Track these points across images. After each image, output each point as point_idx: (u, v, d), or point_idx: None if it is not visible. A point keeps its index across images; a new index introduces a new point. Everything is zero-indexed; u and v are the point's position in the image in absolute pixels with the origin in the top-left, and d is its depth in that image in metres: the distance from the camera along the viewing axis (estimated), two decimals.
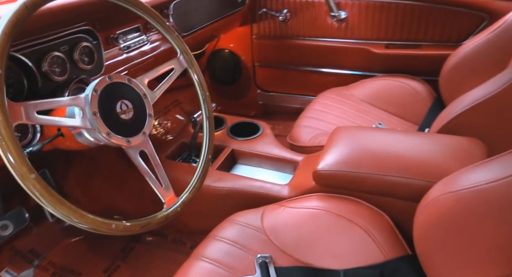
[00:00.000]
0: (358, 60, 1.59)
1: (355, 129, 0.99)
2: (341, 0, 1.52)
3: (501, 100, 0.87)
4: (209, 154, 0.81)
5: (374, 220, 0.82)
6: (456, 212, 0.64)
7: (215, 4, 1.44)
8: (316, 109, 1.37)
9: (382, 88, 1.44)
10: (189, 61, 0.80)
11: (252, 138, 1.22)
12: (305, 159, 1.10)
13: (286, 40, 1.71)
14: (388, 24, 1.49)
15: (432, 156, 0.83)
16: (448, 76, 1.28)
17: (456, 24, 1.40)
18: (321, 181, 0.89)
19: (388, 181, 0.82)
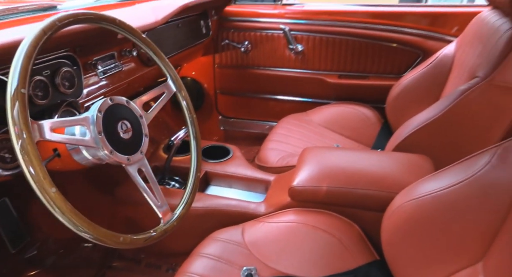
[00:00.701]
0: (314, 88, 1.75)
1: (322, 149, 1.10)
2: (298, 34, 1.68)
3: (442, 122, 1.03)
4: (198, 172, 0.85)
5: (346, 230, 0.92)
6: (417, 217, 0.75)
7: (181, 35, 1.51)
8: (280, 133, 1.47)
9: (337, 114, 1.59)
10: (178, 86, 0.86)
11: (224, 160, 1.28)
12: (277, 178, 1.18)
13: (247, 70, 1.82)
14: (340, 57, 1.67)
15: (391, 171, 0.96)
16: (393, 103, 1.46)
17: (397, 59, 1.61)
18: (297, 196, 0.97)
19: (356, 194, 0.92)
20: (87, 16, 0.68)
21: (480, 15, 1.22)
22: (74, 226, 0.52)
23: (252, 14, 1.71)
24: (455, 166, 0.74)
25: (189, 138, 0.88)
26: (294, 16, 1.67)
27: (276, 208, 1.02)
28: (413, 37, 1.56)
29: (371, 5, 1.64)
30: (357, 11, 1.63)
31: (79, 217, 0.53)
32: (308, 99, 1.79)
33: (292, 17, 1.67)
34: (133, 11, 1.13)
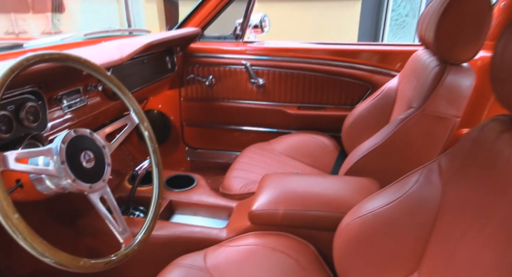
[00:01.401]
0: (276, 119, 1.85)
1: (280, 175, 1.17)
2: (259, 69, 1.80)
3: (385, 148, 1.14)
4: (160, 198, 0.90)
5: (302, 251, 0.97)
6: (362, 233, 0.83)
7: (147, 70, 1.59)
8: (244, 162, 1.54)
9: (297, 143, 1.68)
10: (140, 118, 0.92)
11: (188, 189, 1.32)
12: (239, 204, 1.23)
13: (212, 102, 1.91)
14: (298, 89, 1.80)
15: (342, 193, 1.04)
16: (347, 132, 1.58)
17: (350, 91, 1.75)
18: (256, 220, 1.03)
19: (310, 215, 0.99)
20: (52, 55, 0.74)
21: (416, 53, 1.37)
22: (35, 250, 0.56)
23: (215, 51, 1.82)
24: (392, 186, 0.83)
25: (151, 166, 0.93)
26: (255, 52, 1.79)
27: (237, 232, 1.07)
28: (363, 72, 1.72)
29: (326, 43, 1.80)
30: (313, 49, 1.78)
31: (40, 242, 0.56)
32: (271, 129, 1.89)
33: (253, 53, 1.79)
34: (99, 49, 1.20)
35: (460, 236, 0.64)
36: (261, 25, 1.85)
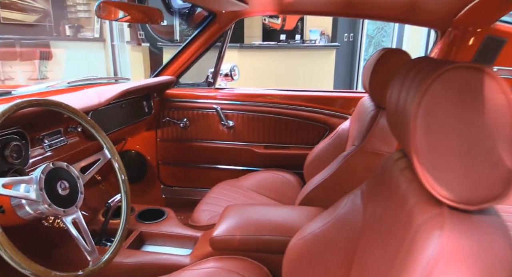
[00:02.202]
0: (245, 158, 2.00)
1: (241, 206, 1.30)
2: (229, 112, 1.98)
3: (332, 180, 1.29)
4: (127, 223, 1.01)
5: (256, 272, 1.08)
6: (304, 251, 0.95)
7: (125, 114, 1.75)
8: (213, 197, 1.66)
9: (264, 179, 1.83)
10: (112, 154, 1.06)
11: (159, 221, 1.43)
12: (204, 234, 1.34)
13: (186, 143, 2.06)
14: (265, 131, 1.98)
15: (292, 220, 1.17)
16: (308, 168, 1.74)
17: (310, 132, 1.94)
18: (216, 245, 1.14)
19: (263, 239, 1.12)
20: (38, 101, 0.89)
21: (362, 99, 1.58)
22: (14, 261, 0.66)
23: (189, 96, 2.01)
24: (329, 209, 0.98)
25: (121, 193, 1.05)
26: (226, 98, 1.99)
27: (200, 258, 1.17)
28: (321, 115, 1.92)
29: (290, 90, 2.01)
30: (278, 95, 1.99)
31: (18, 254, 0.67)
32: (240, 167, 2.03)
33: (223, 98, 1.99)
34: (80, 95, 1.35)
35: (371, 248, 0.78)
36: (231, 74, 2.06)
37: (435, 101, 0.52)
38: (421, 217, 0.56)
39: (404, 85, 0.65)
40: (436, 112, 0.52)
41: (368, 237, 0.82)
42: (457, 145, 0.51)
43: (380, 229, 0.74)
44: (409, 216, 0.61)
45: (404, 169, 0.73)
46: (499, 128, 0.50)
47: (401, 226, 0.62)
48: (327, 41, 5.74)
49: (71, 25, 6.10)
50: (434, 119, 0.53)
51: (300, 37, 5.84)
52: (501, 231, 0.51)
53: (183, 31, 5.23)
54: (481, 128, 0.50)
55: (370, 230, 0.81)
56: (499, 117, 0.50)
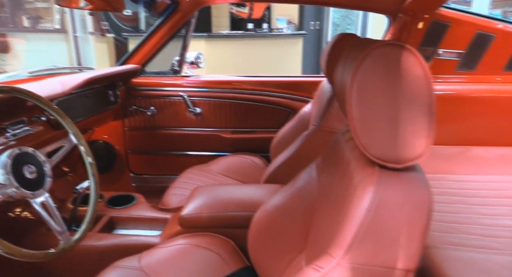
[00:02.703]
0: (213, 143, 2.06)
1: (208, 186, 1.36)
2: (196, 99, 2.02)
3: (295, 158, 1.37)
4: (96, 205, 1.04)
5: (223, 246, 1.15)
6: (266, 223, 1.03)
7: (90, 103, 1.74)
8: (182, 182, 1.71)
9: (232, 163, 1.89)
10: (78, 139, 1.08)
11: (129, 206, 1.46)
12: (173, 215, 1.39)
13: (154, 131, 2.08)
14: (231, 116, 2.03)
15: (256, 196, 1.24)
16: (274, 151, 1.81)
17: (275, 116, 2.02)
18: (185, 224, 1.20)
19: (229, 216, 1.18)
20: (2, 88, 0.90)
21: (322, 83, 1.67)
22: None
23: (156, 84, 2.02)
24: (289, 183, 1.05)
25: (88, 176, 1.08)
26: (192, 85, 2.02)
27: (170, 237, 1.22)
28: (285, 99, 2.00)
29: (254, 76, 2.07)
30: (243, 81, 2.04)
31: None
32: (208, 152, 2.08)
33: (190, 86, 2.02)
34: (42, 83, 1.35)
35: (322, 214, 0.86)
36: (197, 62, 2.09)
37: (366, 75, 0.60)
38: (359, 176, 0.64)
39: (345, 63, 0.72)
40: (367, 84, 0.60)
41: (321, 203, 0.90)
42: (385, 112, 0.59)
43: (330, 194, 0.83)
44: (350, 178, 0.69)
45: (349, 140, 0.81)
46: (419, 97, 0.58)
47: (345, 187, 0.70)
48: (294, 30, 5.81)
49: (29, 16, 5.84)
50: (366, 90, 0.60)
51: (267, 26, 5.88)
52: (422, 184, 0.59)
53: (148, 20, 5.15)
54: (404, 97, 0.59)
55: (322, 197, 0.90)
56: (418, 87, 0.58)
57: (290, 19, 5.89)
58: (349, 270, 0.57)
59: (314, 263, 0.61)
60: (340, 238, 0.59)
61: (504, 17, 4.23)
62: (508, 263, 0.95)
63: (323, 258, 0.61)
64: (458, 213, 1.20)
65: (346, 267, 0.57)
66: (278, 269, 1.00)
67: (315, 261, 0.62)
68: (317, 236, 0.87)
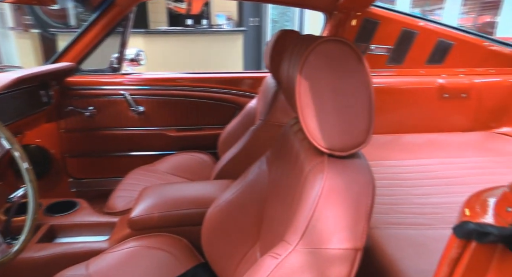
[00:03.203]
0: (158, 142, 2.01)
1: (157, 186, 1.33)
2: (138, 98, 1.95)
3: (243, 153, 1.39)
4: (36, 212, 0.97)
5: (176, 245, 1.14)
6: (220, 218, 1.04)
7: (20, 104, 1.61)
8: (128, 183, 1.65)
9: (179, 161, 1.86)
10: (11, 144, 1.00)
11: (70, 212, 1.38)
12: (121, 218, 1.34)
13: (94, 132, 1.98)
14: (176, 114, 2.00)
15: (207, 193, 1.25)
16: (222, 147, 1.82)
17: (221, 113, 2.02)
18: (135, 226, 1.16)
19: (182, 214, 1.17)
20: None
21: (266, 78, 1.70)
22: None
23: (94, 83, 1.92)
24: (240, 177, 1.07)
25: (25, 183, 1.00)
26: (134, 83, 1.95)
27: (119, 241, 1.18)
28: (230, 95, 2.01)
29: (197, 73, 2.05)
30: (187, 78, 2.01)
31: None
32: (154, 152, 2.03)
33: (131, 84, 1.94)
34: None
35: (274, 204, 0.89)
36: (137, 59, 2.02)
37: (312, 69, 0.63)
38: (309, 166, 0.67)
39: (290, 60, 0.75)
40: (313, 77, 0.64)
41: (273, 195, 0.93)
42: (330, 104, 0.63)
43: (281, 185, 0.86)
44: (300, 168, 0.72)
45: (298, 131, 0.85)
46: (360, 89, 0.63)
47: (296, 177, 0.74)
48: (234, 26, 5.83)
49: None
50: (312, 85, 0.64)
51: (207, 22, 5.83)
52: (365, 170, 0.65)
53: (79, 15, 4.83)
54: (346, 89, 0.63)
55: (274, 190, 0.93)
56: (359, 80, 0.63)
57: (230, 16, 5.90)
58: (305, 255, 0.60)
59: (271, 251, 0.64)
60: (295, 225, 0.63)
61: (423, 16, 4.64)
62: (438, 236, 1.07)
63: (279, 245, 0.64)
64: (394, 195, 1.31)
65: (302, 252, 0.60)
66: (233, 263, 1.02)
67: (272, 250, 0.64)
68: (270, 226, 0.90)
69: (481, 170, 1.51)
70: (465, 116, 1.98)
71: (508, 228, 0.45)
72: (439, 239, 1.06)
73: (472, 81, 1.94)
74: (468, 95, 1.95)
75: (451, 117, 1.98)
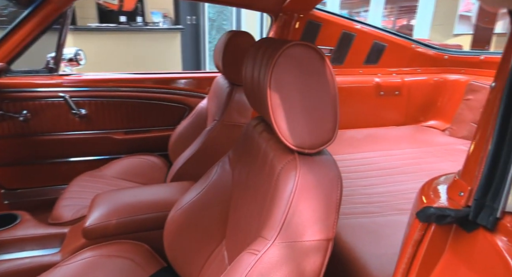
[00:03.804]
0: (104, 146, 1.91)
1: (111, 192, 1.27)
2: (80, 100, 1.84)
3: (200, 154, 1.39)
4: None
5: (137, 251, 1.11)
6: (184, 220, 1.03)
7: None
8: (74, 191, 1.55)
9: (128, 165, 1.79)
10: None
11: (11, 226, 1.27)
12: (72, 228, 1.26)
13: (30, 138, 1.82)
14: (123, 116, 1.92)
15: (166, 196, 1.23)
16: (173, 148, 1.79)
17: (171, 113, 1.98)
18: (90, 235, 1.11)
19: (140, 219, 1.14)
20: None
21: (217, 78, 1.71)
22: None
23: (28, 85, 1.77)
24: (202, 178, 1.07)
25: None
26: (74, 84, 1.83)
27: (73, 252, 1.12)
28: (179, 96, 1.98)
29: (144, 73, 1.99)
30: (132, 78, 1.94)
31: None
32: (100, 156, 1.93)
33: (71, 85, 1.82)
34: None
35: (241, 203, 0.92)
36: (76, 59, 1.90)
37: (281, 72, 0.67)
38: (281, 164, 0.71)
39: (256, 62, 0.78)
40: (283, 80, 0.67)
41: (238, 196, 0.95)
42: (300, 104, 0.67)
43: (249, 183, 0.88)
44: (270, 167, 0.75)
45: (262, 132, 0.88)
46: (325, 89, 0.68)
47: (267, 176, 0.77)
48: (170, 24, 5.69)
49: None
50: (282, 85, 0.67)
51: (142, 19, 5.61)
52: (332, 165, 0.70)
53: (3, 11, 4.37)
54: (313, 90, 0.67)
55: (239, 189, 0.95)
56: (323, 81, 0.68)
57: (166, 13, 5.75)
58: (283, 248, 0.64)
59: (249, 248, 0.66)
60: (272, 221, 0.66)
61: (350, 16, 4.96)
62: (387, 222, 1.17)
63: (257, 242, 0.66)
64: (345, 187, 1.40)
65: (280, 246, 0.64)
66: (199, 264, 1.02)
67: (250, 246, 0.67)
68: (238, 225, 0.92)
69: (415, 160, 1.67)
70: (398, 112, 2.18)
71: (463, 209, 0.52)
72: (388, 224, 1.17)
73: (403, 79, 2.13)
74: (400, 93, 2.14)
75: (386, 113, 2.16)
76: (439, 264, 0.56)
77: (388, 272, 0.95)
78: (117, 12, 5.50)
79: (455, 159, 1.68)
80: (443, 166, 1.59)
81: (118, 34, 5.11)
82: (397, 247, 1.06)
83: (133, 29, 5.24)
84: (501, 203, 0.48)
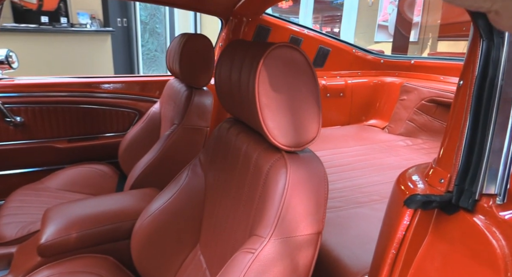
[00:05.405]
0: (45, 156, 1.75)
1: (65, 204, 1.18)
2: (14, 107, 1.66)
3: (160, 160, 1.35)
4: None
5: (101, 264, 1.04)
6: (154, 227, 0.99)
7: None
8: (14, 207, 1.40)
9: (74, 175, 1.66)
10: None
11: None
12: (20, 247, 1.14)
13: None
14: (66, 123, 1.77)
15: (129, 204, 1.17)
16: (123, 155, 1.70)
17: (120, 119, 1.88)
18: (47, 252, 1.01)
19: (104, 230, 1.07)
20: None
21: (169, 82, 1.67)
22: None
23: None
24: (170, 184, 1.04)
25: None
26: (5, 90, 1.65)
27: (27, 272, 1.01)
28: (128, 101, 1.89)
29: (86, 77, 1.86)
30: (71, 82, 1.80)
31: None
32: (40, 168, 1.76)
33: (3, 90, 1.64)
34: None
35: (218, 206, 0.91)
36: (8, 61, 1.72)
37: (268, 72, 0.68)
38: (268, 163, 0.72)
39: (234, 64, 0.78)
40: (270, 80, 0.68)
41: (214, 199, 0.94)
42: (286, 104, 0.69)
43: (227, 188, 0.88)
44: (256, 167, 0.76)
45: (239, 134, 0.88)
46: (309, 89, 0.71)
47: (251, 177, 0.78)
48: (99, 26, 5.38)
49: None
50: (270, 86, 0.69)
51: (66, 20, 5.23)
52: (317, 161, 0.73)
53: None
54: (299, 90, 0.70)
55: (215, 192, 0.94)
56: (308, 81, 0.71)
57: (94, 14, 5.43)
58: (278, 245, 0.65)
59: (244, 247, 0.66)
60: (265, 219, 0.67)
61: None
62: (349, 215, 1.25)
63: (251, 241, 0.67)
64: None
65: (275, 243, 0.65)
66: (171, 271, 0.99)
67: (244, 245, 0.67)
68: (215, 227, 0.91)
69: (364, 156, 1.80)
70: (343, 112, 2.32)
71: (445, 195, 0.58)
72: (350, 217, 1.24)
73: (347, 82, 2.28)
74: (344, 94, 2.28)
75: (333, 114, 2.29)
76: (423, 246, 0.62)
77: (360, 260, 1.01)
78: (36, 12, 5.04)
79: (397, 154, 1.84)
80: (389, 161, 1.73)
81: (40, 35, 4.72)
82: (363, 237, 1.14)
83: (57, 30, 4.86)
84: (479, 186, 0.55)
